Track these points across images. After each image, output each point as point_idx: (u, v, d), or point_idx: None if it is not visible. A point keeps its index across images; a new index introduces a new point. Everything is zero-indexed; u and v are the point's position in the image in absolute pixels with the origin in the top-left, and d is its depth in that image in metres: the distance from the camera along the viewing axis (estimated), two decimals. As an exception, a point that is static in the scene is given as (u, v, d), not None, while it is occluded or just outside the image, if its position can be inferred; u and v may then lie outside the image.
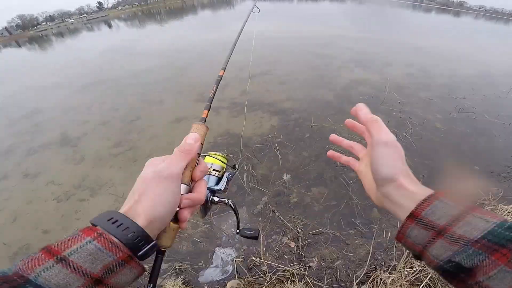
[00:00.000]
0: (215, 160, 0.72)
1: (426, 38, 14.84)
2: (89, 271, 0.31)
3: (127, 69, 9.45)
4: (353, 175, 3.52)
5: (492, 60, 10.29)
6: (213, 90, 0.72)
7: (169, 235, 0.45)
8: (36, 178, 4.09)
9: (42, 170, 4.25)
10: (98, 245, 0.33)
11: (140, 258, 0.38)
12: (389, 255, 2.48)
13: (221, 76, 0.84)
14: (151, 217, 0.40)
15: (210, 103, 0.66)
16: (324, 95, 5.96)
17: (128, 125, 5.20)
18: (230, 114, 5.19)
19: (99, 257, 0.33)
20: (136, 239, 0.37)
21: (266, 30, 13.38)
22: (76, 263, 0.31)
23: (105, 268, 0.33)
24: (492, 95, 6.18)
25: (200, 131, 0.53)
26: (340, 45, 11.13)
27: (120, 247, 0.35)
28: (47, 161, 4.50)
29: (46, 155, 4.67)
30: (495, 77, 7.85)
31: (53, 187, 3.83)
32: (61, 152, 4.66)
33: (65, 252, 0.31)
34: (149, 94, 6.68)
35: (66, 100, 7.09)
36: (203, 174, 0.50)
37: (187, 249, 2.67)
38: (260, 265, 2.41)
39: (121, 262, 0.35)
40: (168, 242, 0.45)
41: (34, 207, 3.52)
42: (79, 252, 0.32)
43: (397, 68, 8.13)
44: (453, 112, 5.16)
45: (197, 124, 0.54)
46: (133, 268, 0.36)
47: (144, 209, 0.40)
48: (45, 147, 4.87)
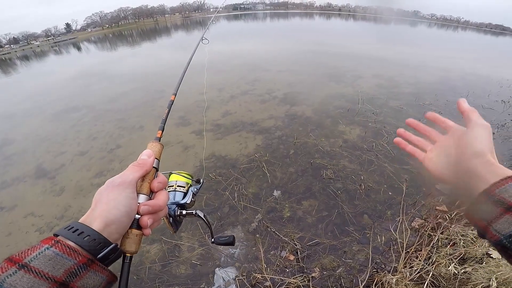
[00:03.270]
0: (179, 177, 0.79)
1: (388, 48, 16.02)
2: (52, 275, 0.33)
3: (102, 94, 9.21)
4: (340, 185, 3.68)
5: (449, 65, 11.34)
6: (165, 113, 0.78)
7: (132, 241, 0.46)
8: (12, 210, 3.87)
9: (18, 203, 4.02)
10: (56, 250, 0.35)
11: (102, 261, 0.39)
12: (387, 257, 2.61)
13: (172, 100, 0.89)
14: (107, 220, 0.42)
15: (163, 124, 0.73)
16: (304, 111, 6.21)
17: (109, 154, 5.04)
18: (214, 136, 5.23)
19: (59, 261, 0.34)
20: (93, 242, 0.39)
21: (245, 48, 13.77)
22: (37, 268, 0.33)
23: (67, 272, 0.34)
24: (454, 99, 6.77)
25: (154, 148, 0.58)
26: (311, 61, 11.71)
27: (79, 251, 0.37)
28: (23, 193, 4.26)
29: (22, 187, 4.41)
30: (454, 82, 8.65)
31: (33, 219, 3.64)
32: (37, 185, 4.42)
33: (25, 259, 0.33)
34: (128, 120, 6.53)
35: (38, 130, 6.73)
36: (162, 186, 0.53)
37: (186, 273, 2.64)
38: (263, 281, 2.43)
39: (83, 266, 0.36)
40: (132, 247, 0.46)
41: (14, 239, 3.34)
42: (38, 258, 0.34)
43: (367, 80, 8.68)
44: (422, 119, 5.54)
45: (151, 142, 0.59)
46: (98, 272, 0.38)
47: (100, 214, 0.42)
48: (20, 180, 4.59)
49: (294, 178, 3.89)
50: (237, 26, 45.99)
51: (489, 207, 0.38)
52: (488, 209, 0.38)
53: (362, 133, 5.05)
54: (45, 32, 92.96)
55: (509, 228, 0.35)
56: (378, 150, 4.47)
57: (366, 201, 3.40)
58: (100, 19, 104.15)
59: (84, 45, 44.51)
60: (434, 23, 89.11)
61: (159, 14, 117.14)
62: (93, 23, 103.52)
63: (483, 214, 0.39)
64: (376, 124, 5.40)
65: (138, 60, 17.89)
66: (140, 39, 39.51)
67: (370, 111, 5.99)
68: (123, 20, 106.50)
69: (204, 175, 3.96)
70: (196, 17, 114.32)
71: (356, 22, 56.35)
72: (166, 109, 0.79)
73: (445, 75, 9.57)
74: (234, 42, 18.85)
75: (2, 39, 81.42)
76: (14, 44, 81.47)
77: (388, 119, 5.59)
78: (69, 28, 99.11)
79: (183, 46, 22.42)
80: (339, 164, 4.14)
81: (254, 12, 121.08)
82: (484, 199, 0.39)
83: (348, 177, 3.84)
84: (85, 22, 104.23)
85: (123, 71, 13.08)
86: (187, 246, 2.90)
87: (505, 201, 0.36)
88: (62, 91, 10.65)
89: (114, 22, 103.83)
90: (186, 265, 2.71)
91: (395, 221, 3.03)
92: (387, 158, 4.26)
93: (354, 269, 2.54)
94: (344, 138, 4.92)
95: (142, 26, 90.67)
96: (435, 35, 34.74)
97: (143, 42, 33.41)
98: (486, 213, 0.38)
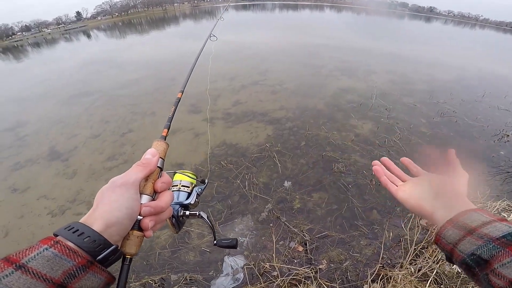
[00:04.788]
0: (184, 176, 0.76)
1: (401, 44, 15.68)
2: (50, 276, 0.32)
3: (114, 80, 9.28)
4: (351, 180, 3.66)
5: (465, 64, 11.06)
6: (172, 110, 0.76)
7: (133, 242, 0.45)
8: (25, 192, 3.93)
9: (31, 185, 4.09)
10: (55, 251, 0.34)
11: (101, 263, 0.38)
12: (394, 253, 2.60)
13: (179, 98, 0.87)
14: (108, 221, 0.41)
15: (169, 123, 0.71)
16: (316, 103, 6.16)
17: (121, 138, 5.10)
18: (225, 125, 5.24)
19: (58, 262, 0.33)
20: (93, 244, 0.38)
21: (256, 40, 13.61)
22: (35, 269, 0.32)
23: (65, 273, 0.33)
24: (469, 99, 6.64)
25: (159, 147, 0.56)
26: (324, 54, 11.54)
27: (78, 253, 0.36)
28: (36, 175, 4.32)
29: (35, 169, 4.48)
30: (469, 81, 8.44)
31: (45, 202, 3.70)
32: (50, 167, 4.49)
33: (23, 259, 0.32)
34: (140, 106, 6.59)
35: (52, 113, 6.83)
36: (166, 186, 0.52)
37: (195, 259, 2.67)
38: (270, 270, 2.45)
39: (82, 267, 0.35)
40: (132, 249, 0.45)
41: (26, 221, 3.40)
42: (36, 259, 0.33)
43: (381, 75, 8.53)
44: (436, 117, 5.48)
45: (157, 141, 0.58)
46: (96, 273, 0.37)
47: (101, 215, 0.41)
48: (33, 162, 4.67)
49: (305, 169, 3.89)
50: (247, 16, 45.41)
51: (455, 232, 0.44)
52: (454, 234, 0.44)
53: (374, 128, 4.99)
54: (56, 20, 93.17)
55: (471, 247, 0.40)
56: (390, 146, 4.42)
57: (376, 196, 3.38)
58: (110, 8, 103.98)
59: (94, 33, 44.60)
60: (451, 20, 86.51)
61: (168, 3, 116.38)
62: (103, 11, 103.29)
63: (449, 238, 0.45)
64: (388, 120, 5.32)
65: (148, 48, 17.86)
66: (149, 28, 39.39)
67: (383, 107, 5.90)
68: (132, 9, 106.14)
69: (208, 169, 3.98)
70: (205, 6, 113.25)
71: (368, 16, 55.06)
72: (172, 107, 0.77)
73: (461, 73, 9.35)
74: (244, 32, 18.64)
75: (14, 27, 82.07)
76: (26, 32, 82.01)
77: (401, 116, 5.51)
78: (80, 16, 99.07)
79: (192, 34, 22.32)
80: (351, 158, 4.11)
81: (263, 3, 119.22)
82: (450, 225, 0.46)
83: (359, 171, 3.82)
84: (95, 11, 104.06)
85: (133, 59, 13.11)
86: (197, 233, 2.93)
87: (467, 226, 0.43)
88: (74, 76, 10.76)
89: (123, 11, 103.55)
90: (195, 252, 2.74)
91: (404, 218, 3.02)
92: (399, 154, 4.21)
93: (361, 263, 2.55)
94: (356, 132, 4.87)
95: (151, 14, 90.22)
96: (451, 32, 33.81)
97: (152, 31, 33.32)
98: (452, 237, 0.44)
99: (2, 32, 75.69)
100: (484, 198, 3.13)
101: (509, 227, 0.40)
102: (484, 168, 3.96)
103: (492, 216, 0.43)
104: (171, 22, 45.98)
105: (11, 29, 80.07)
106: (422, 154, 0.62)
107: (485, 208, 2.84)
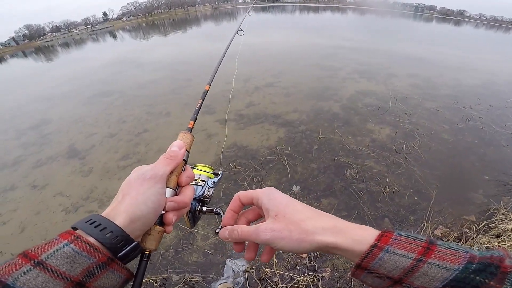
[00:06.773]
0: (202, 171, 0.75)
1: (428, 48, 15.00)
2: (68, 274, 0.31)
3: (133, 80, 9.57)
4: (363, 186, 3.51)
5: (495, 69, 10.35)
6: (199, 103, 0.76)
7: (154, 238, 0.44)
8: (43, 189, 4.09)
9: (49, 182, 4.26)
10: (75, 248, 0.33)
11: (121, 259, 0.37)
12: None
13: (207, 90, 0.88)
14: (133, 215, 0.39)
15: (196, 115, 0.70)
16: (331, 106, 6.00)
17: (136, 138, 5.22)
18: (237, 126, 5.22)
19: (78, 260, 0.32)
20: (115, 240, 0.36)
21: (273, 41, 13.55)
22: (54, 266, 0.30)
23: (85, 271, 0.32)
24: (498, 105, 6.19)
25: (185, 139, 0.55)
26: (343, 56, 11.26)
27: (99, 249, 0.34)
28: (55, 173, 4.50)
29: (54, 167, 4.67)
30: (499, 87, 7.88)
31: (61, 199, 3.83)
32: (68, 164, 4.67)
33: (41, 256, 0.31)
34: (156, 106, 6.73)
35: (73, 112, 7.15)
36: (189, 180, 0.51)
37: (197, 261, 2.66)
38: (271, 276, 2.39)
39: (102, 265, 0.34)
40: (153, 245, 0.44)
41: (42, 218, 3.52)
42: (56, 256, 0.31)
43: (402, 78, 8.18)
44: (460, 123, 5.15)
45: (183, 133, 0.56)
46: (116, 271, 0.35)
47: (126, 208, 0.39)
48: (53, 159, 4.88)
49: (316, 174, 3.78)
50: (265, 17, 45.47)
51: (375, 279, 0.35)
52: (375, 281, 0.35)
53: (392, 134, 4.77)
54: (84, 20, 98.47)
55: None
56: (408, 153, 4.20)
57: (389, 204, 3.22)
58: (135, 9, 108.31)
59: (119, 34, 46.59)
60: (482, 23, 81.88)
61: (190, 4, 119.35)
62: (128, 12, 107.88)
63: (373, 283, 0.36)
64: (408, 125, 5.07)
65: (168, 49, 18.35)
66: (171, 29, 40.48)
67: (403, 111, 5.64)
68: (155, 10, 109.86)
69: (221, 165, 3.97)
70: (225, 8, 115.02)
71: (393, 19, 53.39)
72: (200, 99, 0.77)
73: (491, 78, 8.74)
74: (261, 34, 18.62)
75: (45, 27, 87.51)
76: (56, 32, 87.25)
77: (421, 121, 5.23)
78: (106, 17, 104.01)
79: (213, 36, 22.65)
80: (365, 164, 3.95)
81: (283, 5, 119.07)
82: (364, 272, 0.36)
83: (373, 178, 3.66)
84: (121, 12, 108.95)
85: (154, 59, 13.48)
86: (201, 234, 2.92)
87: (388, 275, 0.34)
88: (97, 76, 11.22)
89: (147, 12, 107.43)
90: (198, 254, 2.72)
91: (417, 228, 2.86)
92: (417, 161, 4.00)
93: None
94: (372, 137, 4.68)
95: (174, 16, 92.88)
96: (483, 36, 31.99)
97: (174, 32, 34.19)
98: (376, 282, 0.36)
99: (35, 33, 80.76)
100: (508, 209, 2.94)
101: (446, 269, 0.31)
102: (510, 179, 3.67)
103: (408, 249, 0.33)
104: (192, 24, 47.01)
105: (42, 30, 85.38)
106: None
107: (507, 220, 2.61)
